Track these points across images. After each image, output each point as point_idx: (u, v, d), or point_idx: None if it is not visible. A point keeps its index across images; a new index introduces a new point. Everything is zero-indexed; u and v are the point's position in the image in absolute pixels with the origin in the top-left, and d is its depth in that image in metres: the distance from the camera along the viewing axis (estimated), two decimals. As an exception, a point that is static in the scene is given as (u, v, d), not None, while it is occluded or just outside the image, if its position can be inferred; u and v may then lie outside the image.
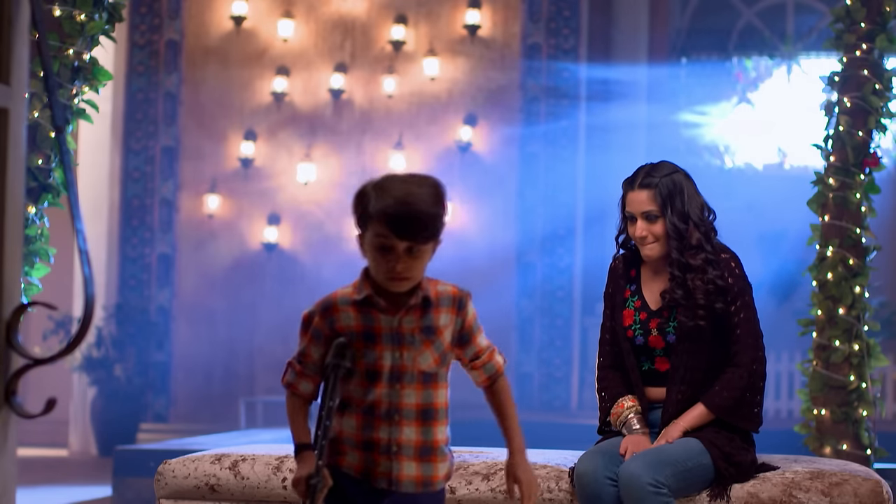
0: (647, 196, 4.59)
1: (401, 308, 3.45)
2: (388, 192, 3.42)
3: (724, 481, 4.51)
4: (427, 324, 3.46)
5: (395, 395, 3.43)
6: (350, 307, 3.46)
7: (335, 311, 3.47)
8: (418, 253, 3.43)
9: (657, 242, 4.60)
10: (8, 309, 2.73)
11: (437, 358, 3.47)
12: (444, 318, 3.48)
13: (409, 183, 3.46)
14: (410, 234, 3.40)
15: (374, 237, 3.40)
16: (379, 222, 3.40)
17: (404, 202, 3.40)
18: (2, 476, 2.71)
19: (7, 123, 2.70)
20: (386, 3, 12.84)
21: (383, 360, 3.43)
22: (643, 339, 4.62)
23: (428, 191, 3.47)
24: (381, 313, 3.45)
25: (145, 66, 12.94)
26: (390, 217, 3.38)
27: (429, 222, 3.45)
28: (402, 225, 3.39)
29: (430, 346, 3.46)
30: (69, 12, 5.85)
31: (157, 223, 12.93)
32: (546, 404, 12.60)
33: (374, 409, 3.44)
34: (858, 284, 7.02)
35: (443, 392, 3.49)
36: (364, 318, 3.45)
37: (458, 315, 3.51)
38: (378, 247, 3.40)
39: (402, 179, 3.48)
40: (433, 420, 3.46)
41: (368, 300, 3.45)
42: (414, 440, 3.45)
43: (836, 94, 7.14)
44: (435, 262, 3.59)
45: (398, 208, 3.39)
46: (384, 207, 3.39)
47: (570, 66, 12.79)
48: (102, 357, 12.31)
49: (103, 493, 9.23)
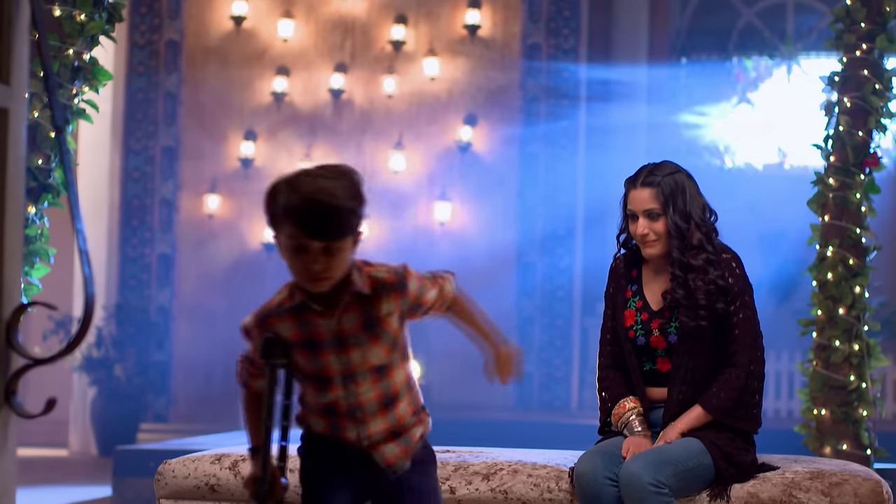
0: (650, 194, 4.59)
1: (337, 307, 3.26)
2: (297, 188, 3.17)
3: (725, 481, 4.51)
4: (368, 317, 3.28)
5: (352, 395, 3.31)
6: (286, 316, 3.28)
7: (272, 322, 3.30)
8: (336, 250, 3.20)
9: (658, 241, 4.60)
10: (8, 309, 2.73)
11: (387, 348, 3.32)
12: (386, 306, 3.30)
13: (320, 177, 3.20)
14: (323, 233, 3.17)
15: (287, 238, 3.18)
16: (288, 222, 3.17)
17: (313, 199, 3.15)
18: (2, 476, 2.71)
19: (7, 123, 2.70)
20: (386, 3, 12.84)
21: (331, 365, 3.29)
22: (644, 339, 4.61)
23: (340, 183, 3.20)
24: (318, 317, 3.27)
25: (145, 66, 12.94)
26: (300, 216, 3.15)
27: (343, 218, 3.19)
28: (313, 223, 3.15)
29: (377, 340, 3.30)
30: (69, 12, 5.85)
31: (157, 223, 12.93)
32: (546, 404, 12.60)
33: (335, 410, 3.33)
34: (858, 284, 7.02)
35: (400, 372, 3.36)
36: (302, 325, 3.28)
37: (401, 298, 3.32)
38: (292, 248, 3.18)
39: (313, 173, 3.22)
40: (396, 402, 3.36)
41: (304, 305, 3.26)
42: (382, 428, 3.35)
43: (836, 94, 7.14)
44: (435, 261, 3.55)
45: (307, 206, 3.15)
46: (292, 206, 3.15)
47: (570, 66, 12.79)
48: (102, 357, 12.31)
49: (103, 493, 9.23)
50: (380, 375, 3.32)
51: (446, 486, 4.70)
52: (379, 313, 3.28)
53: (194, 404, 12.77)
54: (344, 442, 3.36)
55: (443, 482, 4.70)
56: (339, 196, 3.18)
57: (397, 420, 3.36)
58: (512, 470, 4.71)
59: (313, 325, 3.26)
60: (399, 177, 12.72)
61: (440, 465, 4.75)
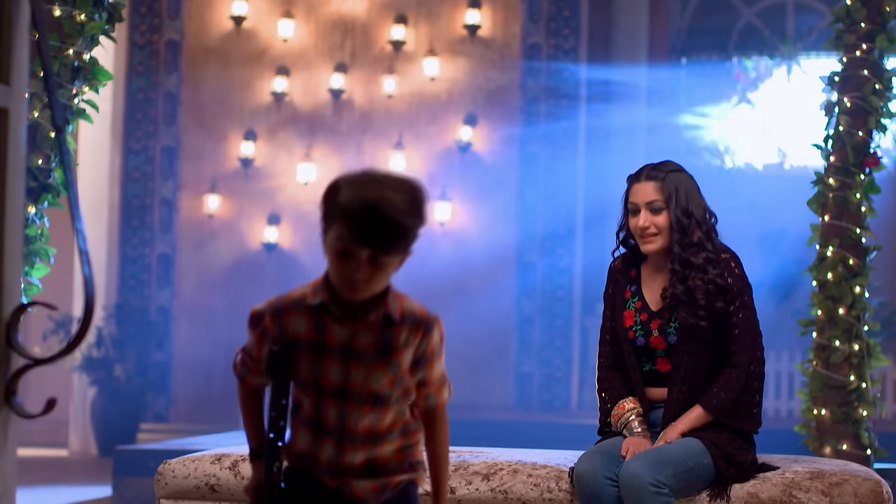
0: (654, 187, 4.61)
1: (358, 320, 3.11)
2: (360, 190, 3.01)
3: (725, 481, 4.52)
4: (385, 341, 3.11)
5: (342, 415, 3.13)
6: (303, 312, 3.12)
7: (287, 315, 3.14)
8: (382, 264, 3.05)
9: (659, 235, 4.59)
10: (8, 309, 2.73)
11: (391, 379, 3.13)
12: (405, 337, 3.13)
13: (385, 185, 3.03)
14: (375, 243, 3.01)
15: (336, 239, 3.03)
16: (342, 223, 3.01)
17: (373, 205, 2.98)
18: (2, 476, 2.71)
19: (7, 123, 2.70)
20: (386, 3, 12.84)
21: (330, 376, 3.12)
22: (644, 339, 4.61)
23: (404, 196, 3.02)
24: (335, 323, 3.11)
25: (145, 66, 12.94)
26: (355, 219, 2.99)
27: (398, 232, 3.02)
28: (366, 230, 2.99)
29: (384, 366, 3.12)
30: (69, 12, 5.85)
31: (157, 223, 12.93)
32: (546, 404, 12.60)
33: (323, 426, 3.15)
34: (858, 284, 7.02)
35: (392, 415, 3.16)
36: (316, 325, 3.11)
37: (422, 339, 3.15)
38: (338, 251, 3.03)
39: (379, 179, 3.04)
40: (381, 443, 3.17)
41: (324, 307, 3.11)
42: (359, 461, 3.16)
43: (836, 94, 7.14)
44: (435, 261, 3.51)
45: (365, 211, 2.98)
46: (350, 207, 3.00)
47: (570, 66, 12.79)
48: (102, 357, 12.31)
49: (103, 493, 9.23)
50: (374, 406, 3.14)
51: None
52: (397, 342, 3.12)
53: (194, 404, 12.77)
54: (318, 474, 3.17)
55: (443, 482, 4.70)
56: (401, 209, 3.00)
57: (377, 459, 3.17)
58: (512, 470, 4.71)
59: (327, 329, 3.11)
60: (399, 177, 12.71)
61: None
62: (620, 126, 13.02)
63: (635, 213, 4.63)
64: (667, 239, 4.61)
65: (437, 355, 3.21)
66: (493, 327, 12.42)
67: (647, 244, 4.62)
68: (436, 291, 12.14)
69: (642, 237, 4.62)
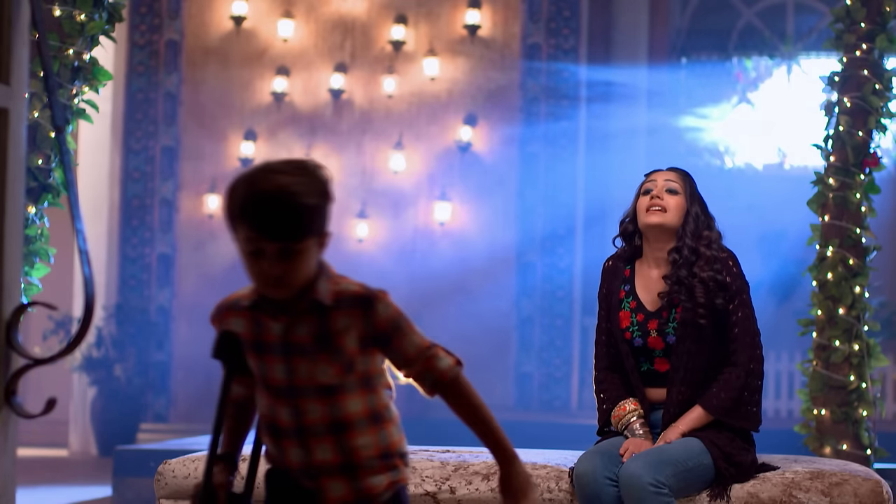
0: (676, 175, 4.68)
1: (291, 314, 2.96)
2: (254, 185, 2.90)
3: (725, 481, 4.51)
4: (322, 330, 2.96)
5: (298, 413, 2.99)
6: (241, 313, 3.01)
7: (227, 317, 3.05)
8: (296, 254, 2.90)
9: (666, 213, 4.59)
10: (8, 309, 2.73)
11: (338, 368, 2.97)
12: (343, 321, 2.95)
13: (280, 172, 2.90)
14: (282, 234, 2.88)
15: (244, 241, 2.91)
16: (244, 222, 2.89)
17: (270, 196, 2.87)
18: (2, 476, 2.71)
19: (7, 123, 2.70)
20: (386, 3, 12.84)
21: (276, 374, 2.99)
22: (642, 340, 4.61)
23: (301, 178, 2.89)
24: (271, 320, 2.98)
25: (145, 66, 12.94)
26: (256, 215, 2.87)
27: (304, 217, 2.88)
28: (270, 224, 2.87)
29: (327, 357, 2.96)
30: (69, 12, 5.85)
31: (157, 223, 12.93)
32: (546, 404, 12.60)
33: (279, 428, 3.02)
34: (858, 284, 7.02)
35: (357, 402, 2.99)
36: (254, 325, 3.00)
37: (364, 317, 2.95)
38: (249, 252, 2.91)
39: (273, 169, 2.92)
40: (349, 432, 2.99)
41: (257, 305, 2.99)
42: (330, 458, 3.00)
43: (836, 94, 7.14)
44: (435, 261, 3.45)
45: (264, 204, 2.86)
46: (248, 204, 2.88)
47: (570, 66, 12.79)
48: (102, 357, 12.31)
49: (103, 493, 9.23)
50: (328, 397, 2.98)
51: (446, 485, 4.70)
52: (335, 326, 2.95)
53: (194, 404, 12.77)
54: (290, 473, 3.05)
55: (443, 482, 4.71)
56: (301, 192, 2.87)
57: (352, 454, 3.00)
58: (512, 470, 4.71)
59: (265, 328, 2.99)
60: (399, 177, 12.72)
61: (440, 465, 4.75)
62: (620, 126, 13.03)
63: (647, 193, 4.64)
64: (671, 220, 4.59)
65: (400, 329, 2.98)
66: (492, 327, 12.42)
67: (652, 216, 4.59)
68: (436, 291, 12.15)
69: (649, 209, 4.60)
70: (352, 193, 12.72)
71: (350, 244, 12.46)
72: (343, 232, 12.59)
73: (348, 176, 12.76)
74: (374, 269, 12.35)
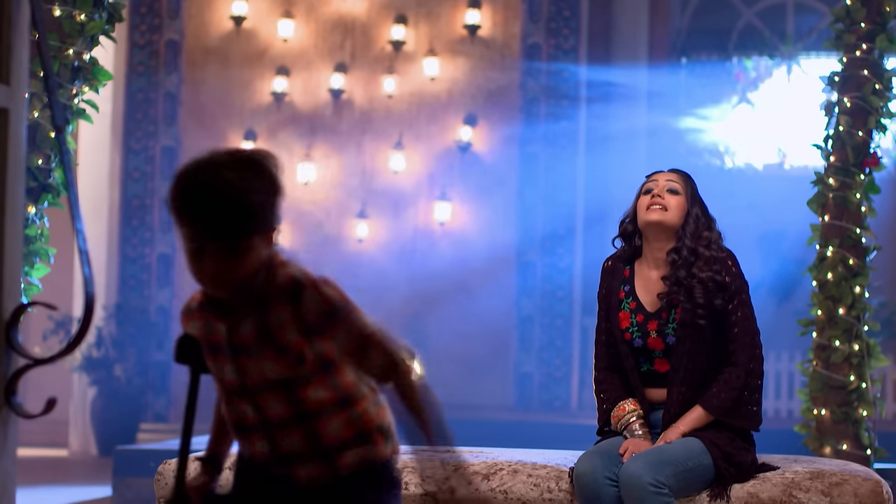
0: (677, 177, 4.67)
1: (235, 313, 2.84)
2: (194, 180, 2.72)
3: (725, 481, 4.51)
4: (263, 326, 2.81)
5: (258, 409, 2.88)
6: (195, 314, 2.92)
7: (185, 320, 2.96)
8: (240, 252, 2.74)
9: (666, 211, 4.59)
10: (8, 309, 2.73)
11: (286, 364, 2.82)
12: (278, 314, 2.79)
13: (222, 166, 2.72)
14: (221, 234, 2.72)
15: (184, 237, 2.76)
16: (183, 221, 2.73)
17: (209, 194, 2.69)
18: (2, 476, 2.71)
19: (7, 123, 2.70)
20: (386, 3, 12.84)
21: (228, 375, 2.88)
22: (642, 341, 4.61)
23: (247, 173, 2.72)
24: (217, 321, 2.87)
25: (145, 66, 12.94)
26: (194, 214, 2.71)
27: (245, 215, 2.72)
28: (208, 222, 2.70)
29: (272, 354, 2.82)
30: (69, 12, 5.85)
31: (157, 223, 12.93)
32: (546, 404, 12.60)
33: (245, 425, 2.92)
34: (858, 284, 7.02)
35: (318, 390, 2.84)
36: (205, 326, 2.89)
37: (294, 310, 2.78)
38: (188, 249, 2.77)
39: (215, 162, 2.73)
40: (317, 420, 2.86)
41: (206, 305, 2.89)
42: (298, 445, 2.88)
43: (836, 94, 7.14)
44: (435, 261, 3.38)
45: (202, 201, 2.69)
46: (185, 201, 2.71)
47: (570, 66, 12.79)
48: (102, 357, 12.31)
49: (103, 493, 9.23)
50: (286, 391, 2.84)
51: (446, 485, 4.69)
52: (272, 321, 2.80)
53: (194, 404, 12.75)
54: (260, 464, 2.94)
55: (443, 482, 4.70)
56: (244, 189, 2.69)
57: (322, 439, 2.86)
58: (512, 470, 4.71)
59: (213, 329, 2.87)
60: (399, 177, 12.72)
61: (440, 466, 4.74)
62: (620, 126, 13.03)
63: (648, 192, 4.64)
64: (671, 219, 4.59)
65: (333, 319, 2.79)
66: (492, 327, 12.41)
67: (652, 213, 4.59)
68: (436, 291, 12.14)
69: (649, 208, 4.60)
70: (352, 193, 12.71)
71: (350, 244, 12.46)
72: (343, 232, 12.59)
73: (348, 176, 12.76)
74: (374, 269, 12.35)
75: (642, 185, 4.70)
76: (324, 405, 2.86)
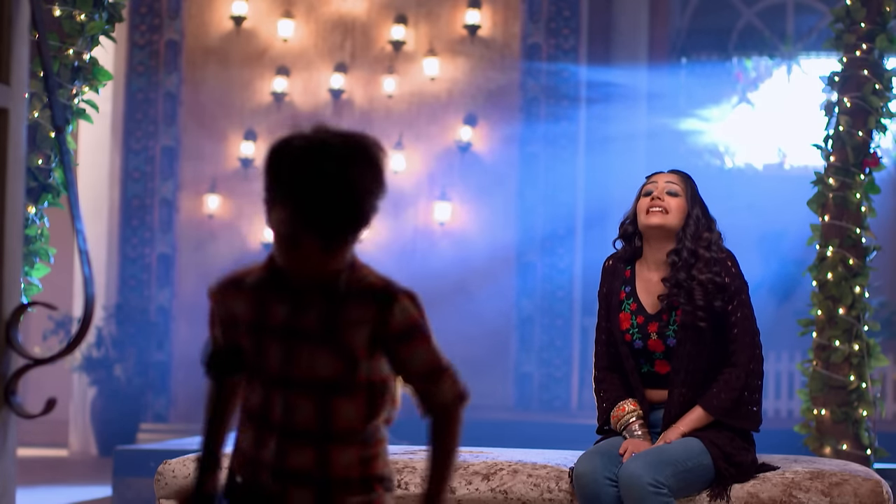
0: (676, 177, 4.66)
1: (302, 296, 2.72)
2: (313, 166, 2.62)
3: (725, 481, 4.51)
4: (331, 318, 2.70)
5: (288, 408, 2.73)
6: (245, 292, 2.77)
7: (228, 296, 2.79)
8: (338, 249, 2.70)
9: (667, 214, 4.58)
10: (8, 309, 2.73)
11: (340, 363, 2.71)
12: (355, 313, 2.70)
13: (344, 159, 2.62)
14: (334, 234, 2.67)
15: (283, 224, 2.68)
16: (292, 209, 2.64)
17: (337, 192, 2.61)
18: (2, 476, 2.71)
19: (7, 123, 2.70)
20: (386, 3, 12.84)
21: (273, 361, 2.74)
22: (642, 342, 4.60)
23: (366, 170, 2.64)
24: (277, 302, 2.73)
25: (145, 66, 12.94)
26: (312, 208, 2.62)
27: (362, 217, 2.67)
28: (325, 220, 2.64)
29: (331, 349, 2.71)
30: (69, 12, 5.85)
31: (157, 223, 12.93)
32: (546, 404, 12.60)
33: (268, 418, 2.76)
34: (858, 284, 7.02)
35: (351, 409, 2.73)
36: (258, 306, 2.75)
37: (378, 315, 2.70)
38: (286, 237, 2.68)
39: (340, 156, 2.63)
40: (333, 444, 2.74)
41: (264, 284, 2.75)
42: (304, 463, 2.74)
43: (836, 94, 7.14)
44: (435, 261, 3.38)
45: (326, 199, 2.61)
46: (299, 187, 2.62)
47: (570, 66, 12.79)
48: (102, 357, 12.31)
49: (103, 493, 9.23)
50: (322, 396, 2.72)
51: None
52: (345, 317, 2.70)
53: (194, 404, 12.76)
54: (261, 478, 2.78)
55: None
56: (365, 192, 2.62)
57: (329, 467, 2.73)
58: (512, 470, 4.71)
59: (269, 309, 2.73)
60: (399, 177, 12.72)
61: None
62: (620, 126, 13.03)
63: (648, 195, 4.63)
64: (672, 222, 4.58)
65: (413, 338, 2.73)
66: (493, 327, 12.41)
67: (652, 217, 4.58)
68: (436, 291, 12.13)
69: (649, 211, 4.59)
70: (352, 193, 12.71)
71: (350, 244, 12.46)
72: (343, 232, 12.59)
73: (348, 176, 12.75)
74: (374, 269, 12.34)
75: (642, 187, 4.68)
76: (348, 429, 2.75)
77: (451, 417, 2.79)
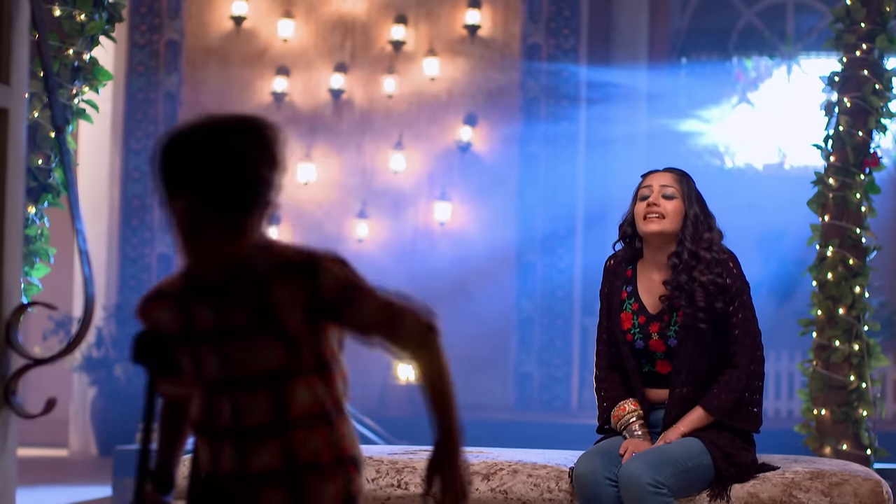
0: (671, 177, 4.61)
1: (226, 294, 2.59)
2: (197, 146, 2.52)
3: (725, 481, 4.51)
4: (260, 306, 2.57)
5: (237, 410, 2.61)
6: (168, 302, 2.64)
7: (152, 309, 2.67)
8: (237, 230, 2.55)
9: (664, 220, 4.56)
10: (8, 309, 2.73)
11: (282, 349, 2.58)
12: (282, 292, 2.56)
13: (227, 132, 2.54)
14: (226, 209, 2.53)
15: (179, 212, 2.55)
16: (179, 195, 2.52)
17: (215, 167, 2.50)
18: (2, 476, 2.71)
19: (7, 123, 2.70)
20: (386, 3, 12.84)
21: (211, 366, 2.61)
22: (643, 342, 4.60)
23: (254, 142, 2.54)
24: (200, 306, 2.60)
25: (145, 66, 12.94)
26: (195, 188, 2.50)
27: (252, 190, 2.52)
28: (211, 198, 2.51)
29: (269, 337, 2.58)
30: (69, 12, 5.85)
31: (157, 223, 12.93)
32: (546, 404, 12.60)
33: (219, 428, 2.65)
34: (858, 284, 7.02)
35: (306, 392, 2.60)
36: (184, 314, 2.62)
37: (307, 288, 2.56)
38: (183, 226, 2.55)
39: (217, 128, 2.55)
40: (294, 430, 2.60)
41: (186, 291, 2.62)
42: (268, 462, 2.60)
43: (836, 94, 7.14)
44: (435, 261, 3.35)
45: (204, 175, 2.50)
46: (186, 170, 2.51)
47: (570, 66, 12.79)
48: (102, 357, 12.31)
49: (103, 493, 9.23)
50: (273, 387, 2.58)
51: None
52: (273, 299, 2.55)
53: (194, 404, 12.77)
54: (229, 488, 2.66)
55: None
56: (255, 161, 2.51)
57: (295, 456, 2.59)
58: (512, 470, 4.71)
59: (195, 313, 2.60)
60: (399, 177, 12.72)
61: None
62: (620, 126, 13.03)
63: (644, 199, 4.60)
64: (670, 227, 4.57)
65: (354, 294, 2.59)
66: (493, 327, 12.41)
67: (650, 223, 4.56)
68: (436, 291, 12.13)
69: (646, 217, 4.57)
70: (352, 193, 12.71)
71: (350, 244, 12.45)
72: (343, 232, 12.59)
73: (348, 176, 12.75)
74: (374, 269, 12.34)
75: (637, 188, 4.66)
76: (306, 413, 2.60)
77: (428, 349, 2.66)
